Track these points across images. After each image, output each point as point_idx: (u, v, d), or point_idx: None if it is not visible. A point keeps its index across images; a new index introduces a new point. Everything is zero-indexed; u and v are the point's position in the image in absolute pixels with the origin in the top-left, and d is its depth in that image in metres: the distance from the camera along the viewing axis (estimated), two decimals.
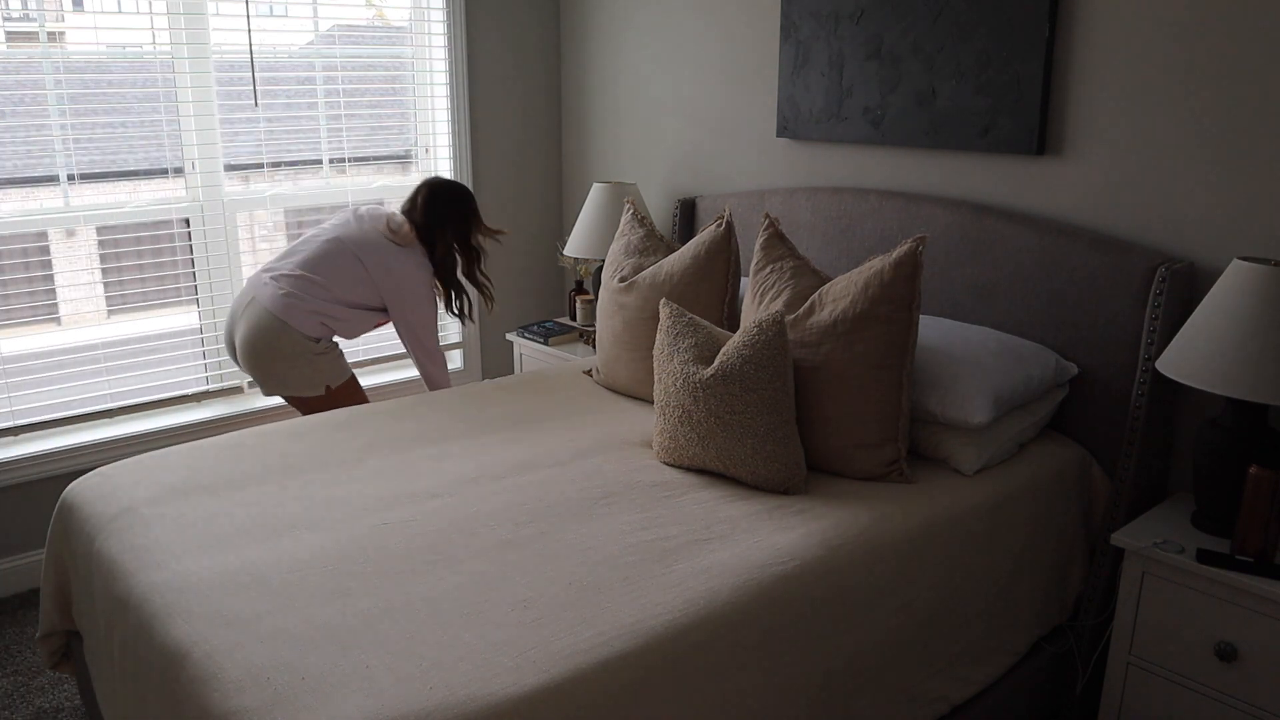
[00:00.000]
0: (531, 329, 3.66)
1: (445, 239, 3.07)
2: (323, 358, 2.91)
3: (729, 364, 2.12)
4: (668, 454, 2.25)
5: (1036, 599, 2.26)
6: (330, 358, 2.93)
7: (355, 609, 1.64)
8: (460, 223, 3.10)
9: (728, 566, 1.77)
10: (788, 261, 2.45)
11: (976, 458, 2.20)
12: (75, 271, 3.15)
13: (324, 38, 3.48)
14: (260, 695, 1.43)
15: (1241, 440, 2.00)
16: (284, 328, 2.83)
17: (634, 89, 3.66)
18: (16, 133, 2.90)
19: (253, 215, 3.49)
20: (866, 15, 2.77)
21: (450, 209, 3.07)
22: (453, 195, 3.09)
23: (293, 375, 2.88)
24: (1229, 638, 1.96)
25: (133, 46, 3.09)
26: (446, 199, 3.07)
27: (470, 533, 1.90)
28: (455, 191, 3.10)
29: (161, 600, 1.69)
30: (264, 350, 2.85)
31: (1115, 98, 2.34)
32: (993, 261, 2.53)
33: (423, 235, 3.04)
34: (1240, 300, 1.91)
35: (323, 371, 2.91)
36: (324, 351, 2.91)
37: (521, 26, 3.85)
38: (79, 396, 3.17)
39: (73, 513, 2.11)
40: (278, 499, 2.05)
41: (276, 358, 2.86)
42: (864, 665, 1.86)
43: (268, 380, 2.90)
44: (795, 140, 3.11)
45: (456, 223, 3.09)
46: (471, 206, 3.13)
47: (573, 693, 1.46)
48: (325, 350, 2.92)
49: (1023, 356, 2.30)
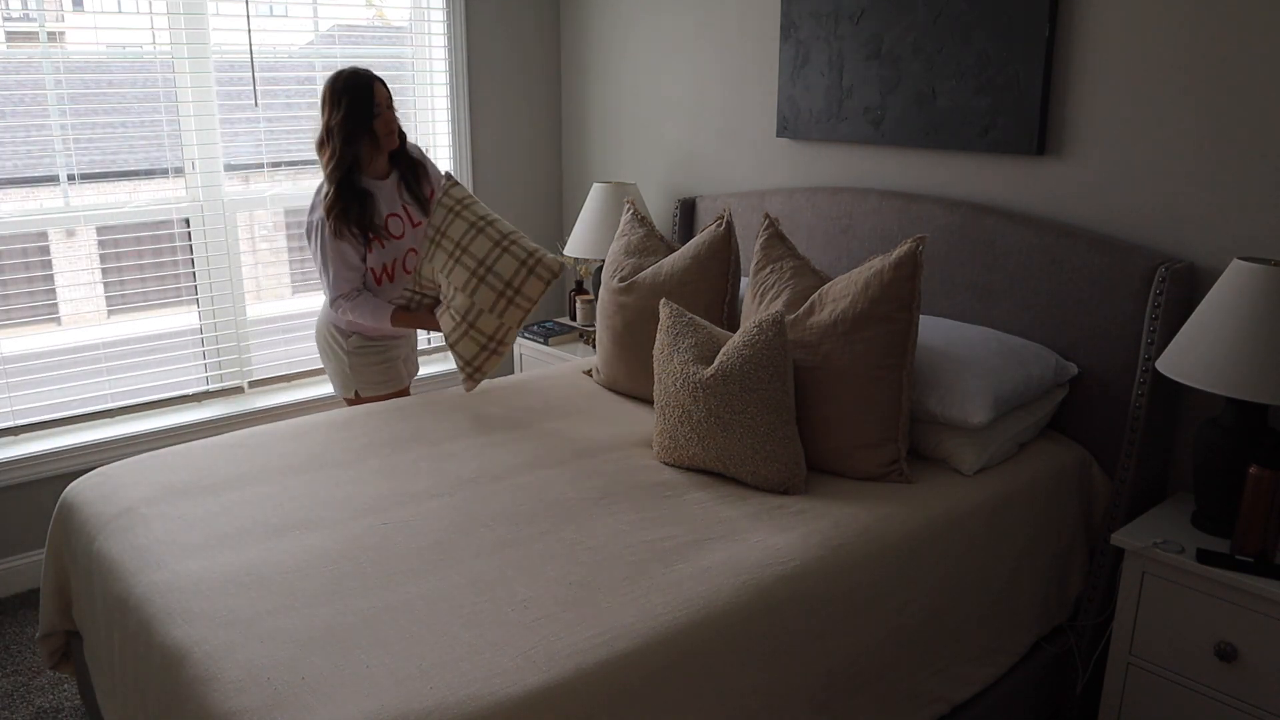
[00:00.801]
0: (531, 329, 3.66)
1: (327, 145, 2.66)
2: (353, 357, 2.83)
3: (729, 364, 2.12)
4: (667, 454, 2.25)
5: (1036, 599, 2.26)
6: (363, 360, 2.84)
7: (355, 609, 1.64)
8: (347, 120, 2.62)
9: (728, 566, 1.77)
10: (787, 262, 2.45)
11: (976, 458, 2.20)
12: (75, 271, 3.15)
13: (324, 38, 3.48)
14: (260, 695, 1.43)
15: (1241, 440, 2.00)
16: (326, 323, 2.87)
17: (634, 89, 3.66)
18: (16, 133, 2.90)
19: (253, 215, 3.49)
20: (866, 15, 2.77)
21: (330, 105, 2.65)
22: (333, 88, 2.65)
23: (329, 368, 2.94)
24: (1229, 638, 1.96)
25: (133, 46, 3.09)
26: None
27: (470, 533, 1.90)
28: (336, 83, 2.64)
29: (161, 600, 1.69)
30: (316, 340, 2.94)
31: (1115, 98, 2.34)
32: (993, 261, 2.53)
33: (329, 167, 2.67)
34: (1240, 300, 1.91)
35: (352, 373, 2.85)
36: (353, 350, 2.82)
37: (521, 27, 3.84)
38: (79, 396, 3.17)
39: (73, 513, 2.11)
40: (278, 499, 2.05)
41: (321, 349, 2.93)
42: (864, 665, 1.86)
43: (324, 368, 3.00)
44: (795, 140, 3.11)
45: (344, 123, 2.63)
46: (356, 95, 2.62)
47: (573, 693, 1.46)
48: (355, 349, 2.82)
49: (1023, 356, 2.30)
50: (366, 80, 2.64)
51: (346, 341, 2.82)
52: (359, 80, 2.63)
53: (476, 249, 2.61)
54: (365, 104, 2.62)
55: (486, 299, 2.59)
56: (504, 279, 2.59)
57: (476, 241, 2.61)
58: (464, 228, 2.64)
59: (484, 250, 2.60)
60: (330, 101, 2.63)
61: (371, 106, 2.63)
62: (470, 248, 2.61)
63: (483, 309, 2.59)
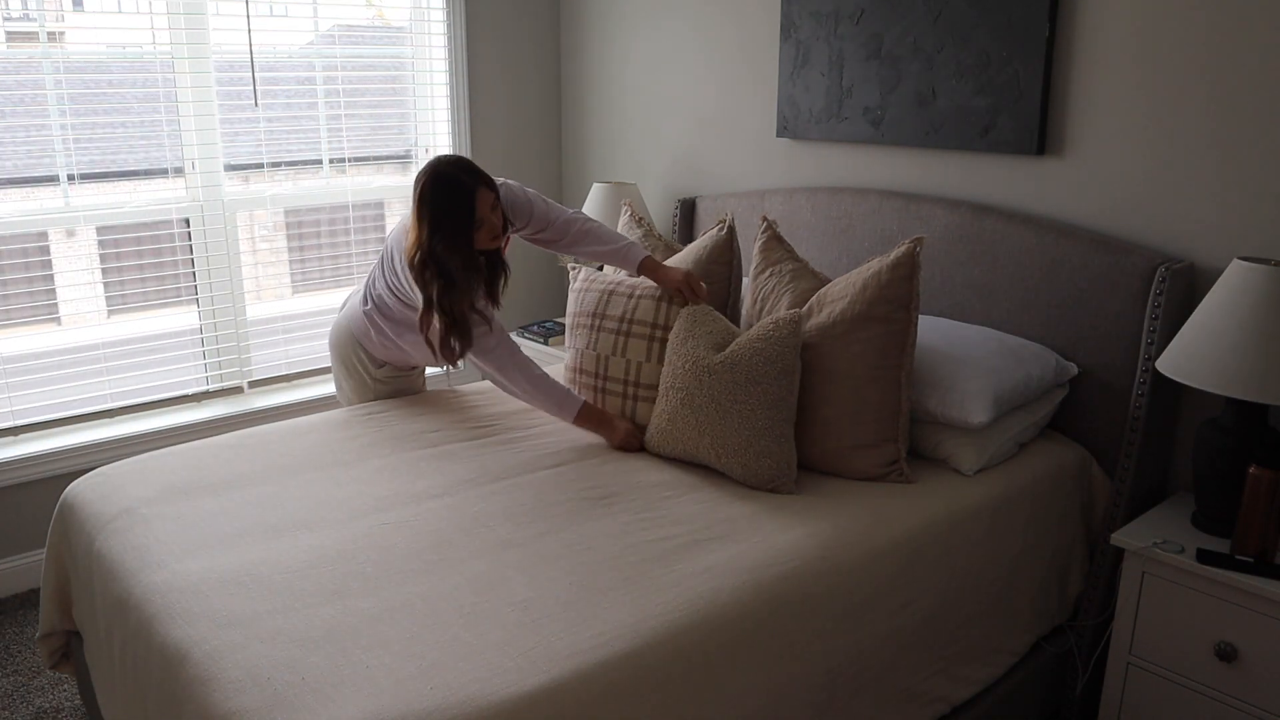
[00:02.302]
0: (531, 329, 3.66)
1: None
2: (381, 385, 2.69)
3: (740, 353, 2.14)
4: (663, 437, 2.24)
5: (1036, 599, 2.26)
6: (389, 387, 2.70)
7: (355, 609, 1.64)
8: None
9: (728, 566, 1.77)
10: (786, 264, 2.45)
11: (976, 458, 2.20)
12: (75, 271, 3.15)
13: (324, 38, 3.48)
14: (260, 696, 1.43)
15: (1241, 440, 2.00)
16: (354, 342, 2.65)
17: (634, 89, 3.66)
18: (16, 133, 2.90)
19: (253, 215, 3.49)
20: (866, 15, 2.77)
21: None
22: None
23: (345, 384, 2.75)
24: (1229, 638, 1.96)
25: (133, 46, 3.09)
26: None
27: (470, 533, 1.90)
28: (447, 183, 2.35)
29: (162, 600, 1.69)
30: (334, 350, 2.74)
31: (1115, 98, 2.34)
32: (993, 261, 2.53)
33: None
34: (1240, 300, 1.91)
35: (375, 395, 2.71)
36: (384, 380, 2.68)
37: (521, 26, 3.84)
38: (79, 396, 3.16)
39: (73, 513, 2.11)
40: (278, 499, 2.05)
41: (340, 362, 2.73)
42: (864, 665, 1.86)
43: (335, 377, 2.81)
44: (795, 140, 3.11)
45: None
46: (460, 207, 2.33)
47: (573, 693, 1.46)
48: (387, 379, 2.69)
49: (1023, 356, 2.30)
50: (467, 194, 2.30)
51: (377, 370, 2.67)
52: (457, 196, 2.30)
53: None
54: (465, 224, 2.32)
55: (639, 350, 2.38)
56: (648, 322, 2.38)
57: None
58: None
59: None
60: (421, 215, 2.32)
61: (471, 223, 2.33)
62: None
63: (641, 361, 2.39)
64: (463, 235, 2.33)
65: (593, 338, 2.48)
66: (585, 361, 2.48)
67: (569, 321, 2.59)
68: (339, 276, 3.69)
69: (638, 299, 2.44)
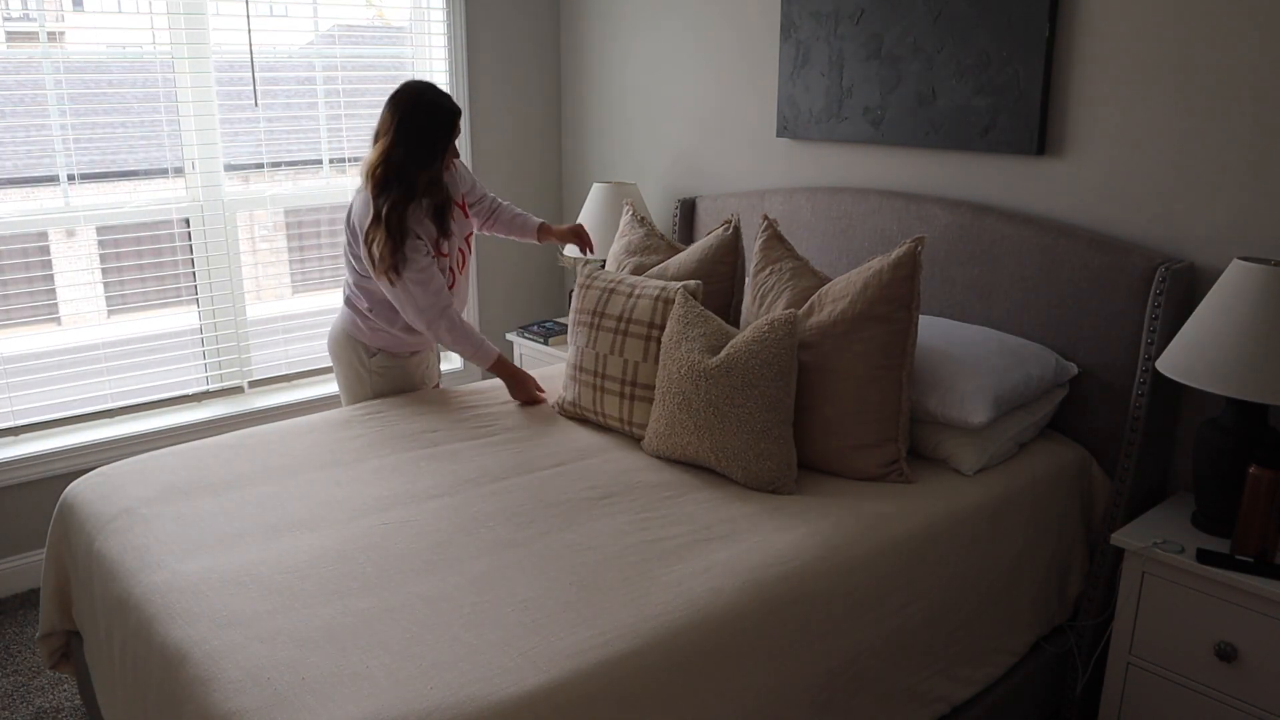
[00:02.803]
0: (531, 329, 3.66)
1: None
2: (375, 376, 2.71)
3: (736, 356, 2.13)
4: (661, 440, 2.24)
5: (1036, 599, 2.26)
6: (386, 379, 2.72)
7: (355, 609, 1.64)
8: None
9: (728, 566, 1.77)
10: (787, 263, 2.45)
11: (976, 458, 2.20)
12: (75, 271, 3.15)
13: (324, 38, 3.48)
14: (260, 696, 1.43)
15: (1241, 440, 2.00)
16: (345, 334, 2.71)
17: (634, 89, 3.66)
18: (16, 133, 2.90)
19: (253, 215, 3.49)
20: (866, 15, 2.77)
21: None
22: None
23: (343, 379, 2.77)
24: (1229, 638, 1.96)
25: (133, 46, 3.09)
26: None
27: (470, 533, 1.90)
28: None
29: (161, 600, 1.69)
30: (330, 347, 2.77)
31: (1115, 98, 2.34)
32: (993, 261, 2.53)
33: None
34: (1240, 300, 1.91)
35: (373, 389, 2.73)
36: (380, 370, 2.71)
37: (521, 27, 3.84)
38: (79, 396, 3.16)
39: (73, 513, 2.11)
40: (278, 499, 2.05)
41: (336, 359, 2.76)
42: (864, 665, 1.86)
43: (335, 377, 2.83)
44: (795, 140, 3.11)
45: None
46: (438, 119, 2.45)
47: (573, 693, 1.46)
48: (382, 369, 2.71)
49: (1023, 356, 2.30)
50: (450, 114, 2.46)
51: (371, 360, 2.70)
52: (440, 115, 2.44)
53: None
54: (442, 142, 2.45)
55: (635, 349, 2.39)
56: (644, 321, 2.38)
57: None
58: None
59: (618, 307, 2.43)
60: (397, 128, 2.41)
61: (449, 143, 2.48)
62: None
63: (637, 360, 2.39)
64: (439, 151, 2.46)
65: (592, 336, 2.48)
66: (585, 359, 2.48)
67: (571, 319, 2.60)
68: (339, 276, 3.69)
69: (636, 298, 2.44)
